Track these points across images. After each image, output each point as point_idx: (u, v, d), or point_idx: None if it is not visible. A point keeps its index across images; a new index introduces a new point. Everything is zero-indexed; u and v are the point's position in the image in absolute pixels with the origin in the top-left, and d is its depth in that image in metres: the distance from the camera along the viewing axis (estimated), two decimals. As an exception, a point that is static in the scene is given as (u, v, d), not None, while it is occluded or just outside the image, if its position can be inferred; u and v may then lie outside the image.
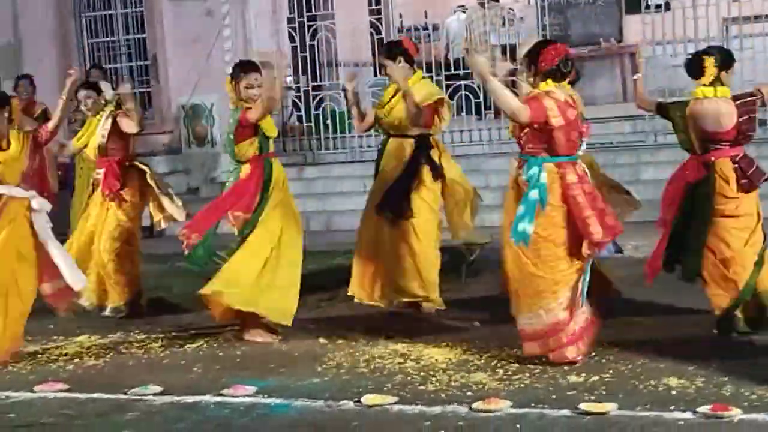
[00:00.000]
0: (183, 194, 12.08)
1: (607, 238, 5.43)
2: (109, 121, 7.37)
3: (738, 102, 5.81)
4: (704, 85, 5.83)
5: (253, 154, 6.47)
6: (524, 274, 5.45)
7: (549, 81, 5.47)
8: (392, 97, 6.98)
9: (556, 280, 5.40)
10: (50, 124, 6.58)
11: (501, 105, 5.44)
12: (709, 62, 5.81)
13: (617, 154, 10.39)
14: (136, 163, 7.56)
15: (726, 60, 5.90)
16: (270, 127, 6.55)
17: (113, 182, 7.34)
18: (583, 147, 5.91)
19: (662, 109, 6.20)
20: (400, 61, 6.92)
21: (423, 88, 6.96)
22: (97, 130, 7.42)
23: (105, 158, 7.42)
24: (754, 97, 5.83)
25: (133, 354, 6.38)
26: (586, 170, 5.56)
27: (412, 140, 6.95)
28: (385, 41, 10.13)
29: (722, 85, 5.84)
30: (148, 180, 7.48)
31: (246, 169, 6.49)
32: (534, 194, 5.34)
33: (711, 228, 5.79)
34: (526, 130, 5.44)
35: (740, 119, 5.77)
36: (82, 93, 7.46)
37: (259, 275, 6.37)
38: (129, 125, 7.31)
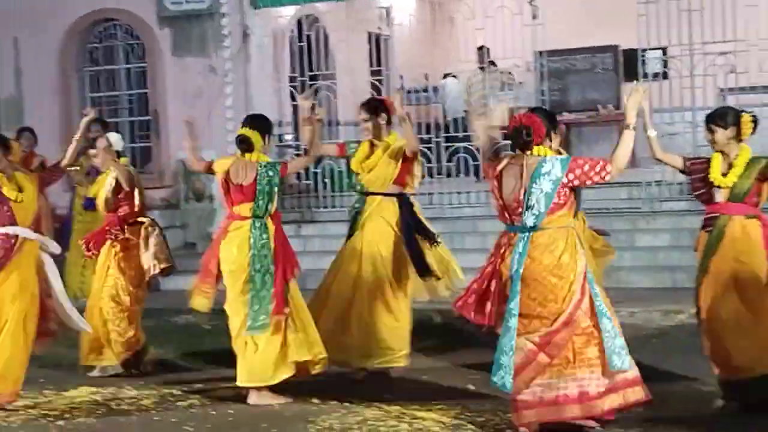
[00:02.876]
0: (179, 249, 12.11)
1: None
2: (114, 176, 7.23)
3: None
4: None
5: None
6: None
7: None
8: (371, 153, 6.98)
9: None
10: (63, 162, 6.77)
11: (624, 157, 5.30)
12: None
13: (613, 220, 10.42)
14: (141, 219, 7.33)
15: None
16: None
17: (100, 239, 7.27)
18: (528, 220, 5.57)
19: None
20: (382, 118, 6.96)
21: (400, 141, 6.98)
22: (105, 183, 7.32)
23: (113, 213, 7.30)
24: None
25: (125, 411, 6.33)
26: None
27: (394, 198, 6.95)
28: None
29: None
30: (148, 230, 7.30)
31: None
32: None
33: None
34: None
35: None
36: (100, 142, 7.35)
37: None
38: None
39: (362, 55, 14.19)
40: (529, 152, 5.34)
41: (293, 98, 12.17)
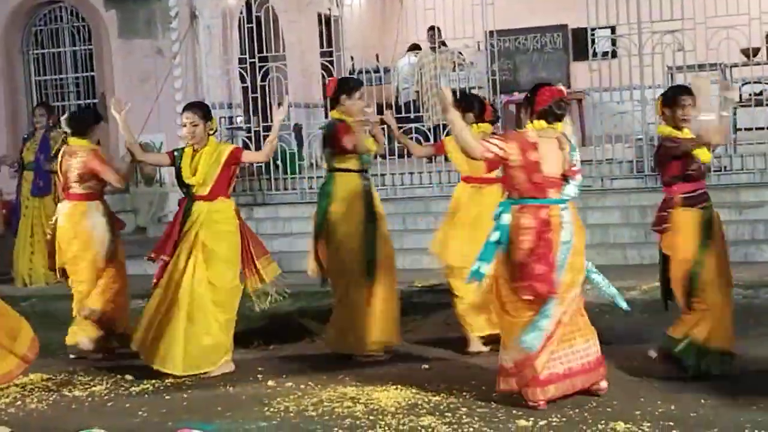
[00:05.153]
0: (130, 234, 11.98)
1: (529, 296, 5.45)
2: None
3: None
4: None
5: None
6: (497, 311, 5.68)
7: (541, 121, 5.55)
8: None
9: (514, 321, 5.50)
10: None
11: (457, 136, 5.46)
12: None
13: (565, 197, 10.49)
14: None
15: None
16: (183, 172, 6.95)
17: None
18: (571, 191, 5.60)
19: None
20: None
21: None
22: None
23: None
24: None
25: (77, 397, 6.27)
26: (563, 219, 5.51)
27: (357, 174, 7.04)
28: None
29: None
30: None
31: None
32: (494, 236, 5.48)
33: None
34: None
35: None
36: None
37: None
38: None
39: (312, 36, 14.10)
40: (556, 125, 5.54)
41: (243, 80, 12.08)
